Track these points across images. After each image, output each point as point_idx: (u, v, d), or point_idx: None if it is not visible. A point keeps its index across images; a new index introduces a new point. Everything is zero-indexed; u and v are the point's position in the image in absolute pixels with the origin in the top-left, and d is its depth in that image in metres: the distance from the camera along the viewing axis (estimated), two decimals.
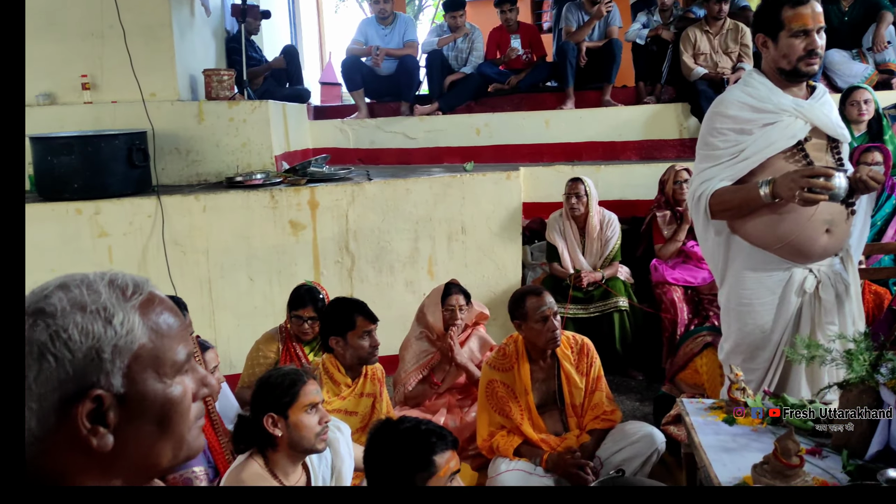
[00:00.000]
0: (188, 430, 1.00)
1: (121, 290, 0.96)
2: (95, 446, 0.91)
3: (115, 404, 0.92)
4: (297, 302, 3.67)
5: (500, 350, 3.28)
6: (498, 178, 4.98)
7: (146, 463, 0.97)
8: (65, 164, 4.34)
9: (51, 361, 0.89)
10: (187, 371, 1.00)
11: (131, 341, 0.93)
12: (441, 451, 1.90)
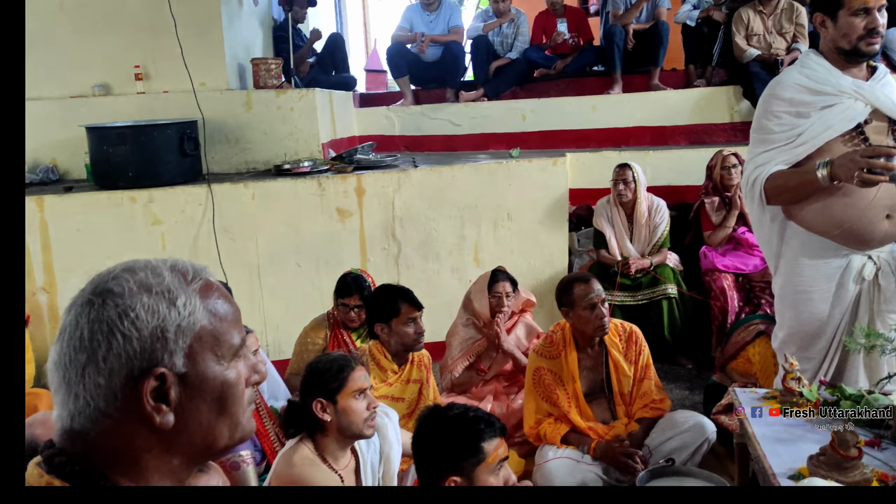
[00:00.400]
0: (243, 412, 1.03)
1: (182, 274, 1.00)
2: (158, 423, 0.94)
3: (177, 383, 0.95)
4: (343, 290, 3.70)
5: (547, 337, 3.26)
6: (544, 165, 4.94)
7: (204, 443, 1.00)
8: (119, 153, 4.44)
9: (119, 339, 0.92)
10: (241, 356, 1.03)
11: (193, 322, 0.97)
12: (489, 437, 1.90)
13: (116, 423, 0.94)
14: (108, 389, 0.93)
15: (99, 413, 0.93)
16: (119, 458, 0.96)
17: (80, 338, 0.93)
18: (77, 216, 4.42)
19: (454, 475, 1.87)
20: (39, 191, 4.62)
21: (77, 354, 0.93)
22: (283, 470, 2.38)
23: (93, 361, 0.93)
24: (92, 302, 0.94)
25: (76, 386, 0.94)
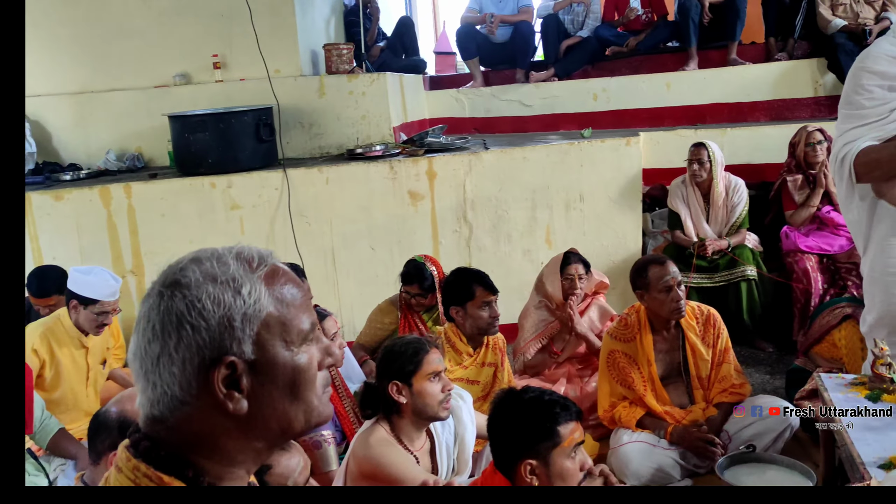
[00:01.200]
0: (316, 397, 1.03)
1: (247, 262, 1.00)
2: (231, 410, 0.96)
3: (248, 370, 0.96)
4: (405, 279, 3.78)
5: (621, 320, 3.22)
6: (617, 145, 4.85)
7: (280, 427, 1.01)
8: (200, 140, 4.59)
9: (188, 329, 0.94)
10: (312, 340, 1.03)
11: (259, 310, 0.97)
12: (565, 421, 1.90)
13: (193, 410, 0.96)
14: (182, 378, 0.95)
15: (176, 401, 0.96)
16: (201, 443, 0.98)
17: (153, 329, 0.96)
18: (161, 202, 4.59)
19: (529, 458, 1.88)
20: (127, 178, 4.82)
21: (151, 345, 0.96)
22: (360, 450, 2.43)
23: (165, 352, 0.95)
24: (162, 294, 0.96)
25: (153, 375, 0.96)
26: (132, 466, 0.96)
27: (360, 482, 2.43)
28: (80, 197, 4.56)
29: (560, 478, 1.87)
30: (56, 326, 3.51)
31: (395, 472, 2.32)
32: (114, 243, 4.59)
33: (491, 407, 2.03)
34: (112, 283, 3.50)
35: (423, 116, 6.19)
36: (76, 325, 3.51)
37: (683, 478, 2.95)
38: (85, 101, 5.31)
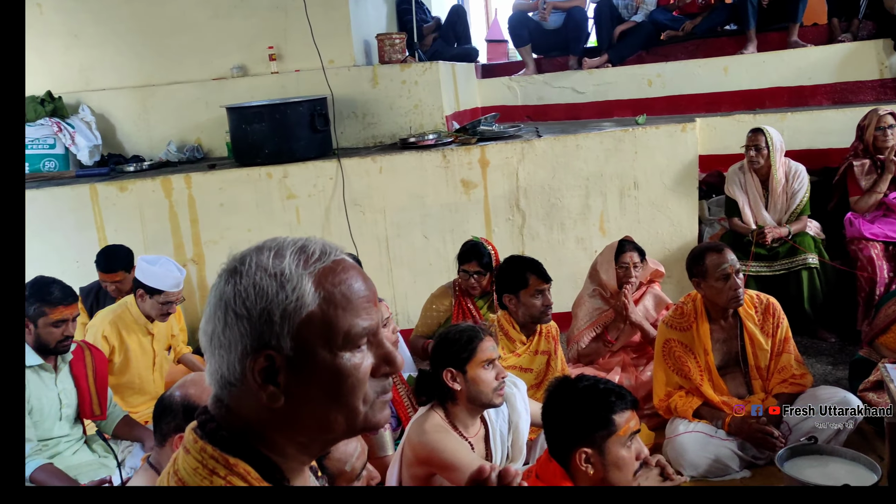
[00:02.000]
0: (364, 403, 1.00)
1: (305, 256, 0.99)
2: (265, 402, 0.97)
3: (285, 366, 0.96)
4: (463, 257, 3.77)
5: (677, 308, 3.19)
6: (672, 131, 4.77)
7: (319, 428, 1.00)
8: (256, 131, 4.68)
9: (233, 316, 0.96)
10: (368, 345, 1.01)
11: (300, 308, 0.96)
12: (620, 410, 1.89)
13: (240, 393, 0.98)
14: (229, 361, 0.97)
15: (225, 381, 0.98)
16: (251, 428, 1.00)
17: (209, 310, 0.99)
18: (220, 192, 4.71)
19: (584, 447, 1.88)
20: (187, 169, 4.95)
21: (207, 324, 0.99)
22: (415, 437, 2.46)
23: (216, 333, 0.98)
24: (220, 278, 1.00)
25: (208, 353, 1.00)
26: (199, 448, 0.99)
27: (415, 468, 2.47)
28: (143, 188, 4.70)
29: (616, 467, 1.87)
30: (124, 314, 3.65)
31: (450, 458, 2.35)
32: (175, 233, 4.73)
33: (545, 395, 2.03)
34: (177, 274, 3.63)
35: (476, 105, 6.19)
36: (143, 313, 3.66)
37: (742, 469, 2.91)
38: (147, 95, 5.46)
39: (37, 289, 3.05)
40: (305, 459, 1.04)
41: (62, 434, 3.15)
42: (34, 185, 4.86)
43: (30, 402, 3.01)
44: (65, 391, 3.15)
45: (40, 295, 3.02)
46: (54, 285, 3.08)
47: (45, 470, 2.88)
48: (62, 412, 3.14)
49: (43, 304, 3.00)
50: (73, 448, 3.19)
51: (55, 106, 5.26)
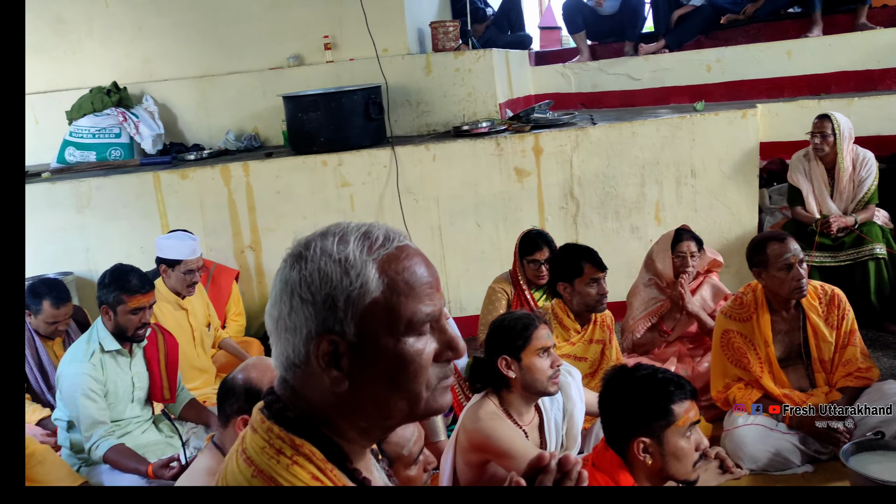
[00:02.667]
0: (426, 388, 1.01)
1: (369, 242, 1.00)
2: (329, 386, 0.99)
3: (349, 351, 0.98)
4: (531, 246, 3.70)
5: (736, 299, 3.12)
6: (732, 117, 4.66)
7: (381, 413, 1.02)
8: (312, 119, 4.74)
9: (298, 301, 0.98)
10: (430, 331, 1.01)
11: (363, 294, 0.97)
12: (680, 400, 1.87)
13: (305, 375, 1.00)
14: (294, 343, 0.99)
15: (290, 363, 1.01)
16: (315, 411, 1.02)
17: (275, 294, 1.01)
18: (276, 179, 4.78)
19: (642, 436, 1.86)
20: (245, 157, 5.05)
21: (273, 308, 1.01)
22: (469, 423, 2.47)
23: (282, 317, 1.00)
24: (286, 262, 1.02)
25: (275, 336, 1.02)
26: (266, 428, 1.02)
27: (469, 454, 2.48)
28: (203, 175, 4.81)
29: (674, 457, 1.85)
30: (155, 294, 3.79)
31: (504, 446, 2.35)
32: (234, 220, 4.83)
33: (602, 383, 2.01)
34: (191, 242, 3.80)
35: (529, 92, 6.15)
36: (171, 290, 3.82)
37: (804, 463, 2.85)
38: (206, 85, 5.57)
39: (116, 277, 3.15)
40: (366, 443, 1.06)
41: (133, 416, 3.27)
42: (101, 173, 5.02)
43: (106, 385, 3.12)
44: (138, 375, 3.26)
45: (119, 283, 3.12)
46: (132, 274, 3.18)
47: (117, 450, 3.00)
48: (134, 395, 3.25)
49: (122, 293, 3.10)
50: (143, 428, 3.31)
51: (120, 96, 5.41)
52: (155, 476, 2.88)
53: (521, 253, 3.73)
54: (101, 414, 3.05)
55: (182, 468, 2.85)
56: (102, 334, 3.14)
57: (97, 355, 3.11)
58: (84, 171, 5.18)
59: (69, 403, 3.09)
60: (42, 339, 3.63)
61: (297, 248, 1.02)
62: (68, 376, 3.08)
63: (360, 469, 1.05)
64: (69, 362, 3.13)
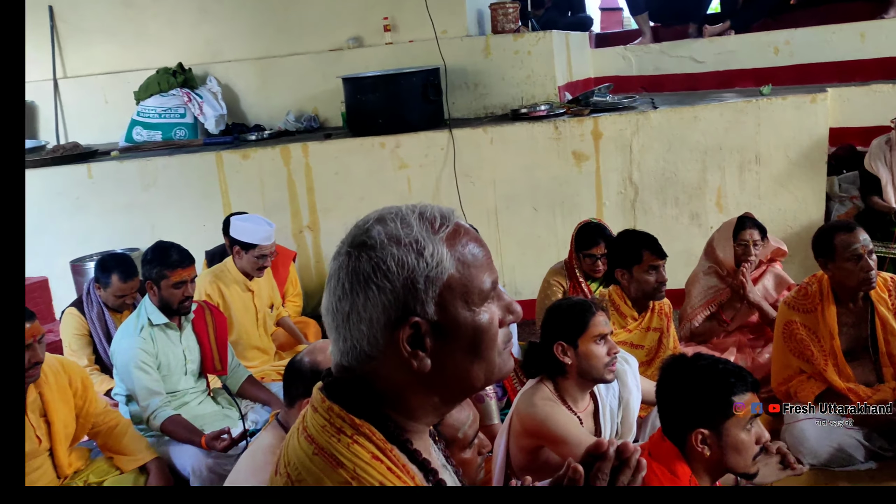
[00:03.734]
0: (498, 354, 1.04)
1: (430, 222, 1.02)
2: (416, 368, 1.00)
3: (431, 331, 0.99)
4: (588, 241, 3.64)
5: (801, 289, 3.04)
6: (800, 102, 4.51)
7: (461, 385, 1.04)
8: (371, 101, 4.77)
9: (374, 290, 0.98)
10: (493, 299, 1.04)
11: (441, 272, 0.99)
12: (740, 392, 1.83)
13: (380, 364, 1.01)
14: (370, 335, 0.99)
15: (364, 355, 1.01)
16: (385, 394, 1.03)
17: (343, 288, 1.00)
18: (335, 161, 4.84)
19: (702, 428, 1.83)
20: (304, 138, 5.12)
21: (341, 303, 1.01)
22: (524, 409, 2.47)
23: (354, 310, 1.00)
24: (350, 254, 1.01)
25: (343, 330, 1.02)
26: (326, 407, 1.03)
27: (523, 439, 2.48)
28: (263, 156, 4.90)
29: (734, 450, 1.82)
30: (224, 273, 3.89)
31: (560, 431, 2.35)
32: (293, 200, 4.91)
33: (660, 372, 1.98)
34: (267, 228, 3.84)
35: (589, 75, 6.06)
36: (241, 270, 3.88)
37: (867, 460, 2.77)
38: (267, 66, 5.66)
39: (157, 253, 3.25)
40: (433, 419, 1.08)
41: (188, 387, 3.37)
42: (166, 152, 5.16)
43: (158, 357, 3.23)
44: (189, 348, 3.36)
45: (161, 259, 3.22)
46: (172, 249, 3.28)
47: (173, 421, 3.10)
48: (187, 367, 3.36)
49: (164, 268, 3.20)
50: (199, 399, 3.41)
51: (185, 77, 5.54)
52: (207, 447, 2.97)
53: (578, 246, 3.68)
54: (155, 385, 3.16)
55: (233, 440, 2.93)
56: (150, 309, 3.25)
57: (146, 329, 3.22)
58: (150, 150, 5.33)
59: (124, 377, 3.20)
60: (111, 312, 3.77)
61: (357, 238, 1.02)
62: (121, 351, 3.20)
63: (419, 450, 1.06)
64: (121, 338, 3.24)
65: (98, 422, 3.01)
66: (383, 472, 0.98)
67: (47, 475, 2.82)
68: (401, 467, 1.01)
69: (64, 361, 3.00)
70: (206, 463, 3.02)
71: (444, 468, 1.16)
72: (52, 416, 2.79)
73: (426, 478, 1.05)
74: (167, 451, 3.17)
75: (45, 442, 2.79)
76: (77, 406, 2.91)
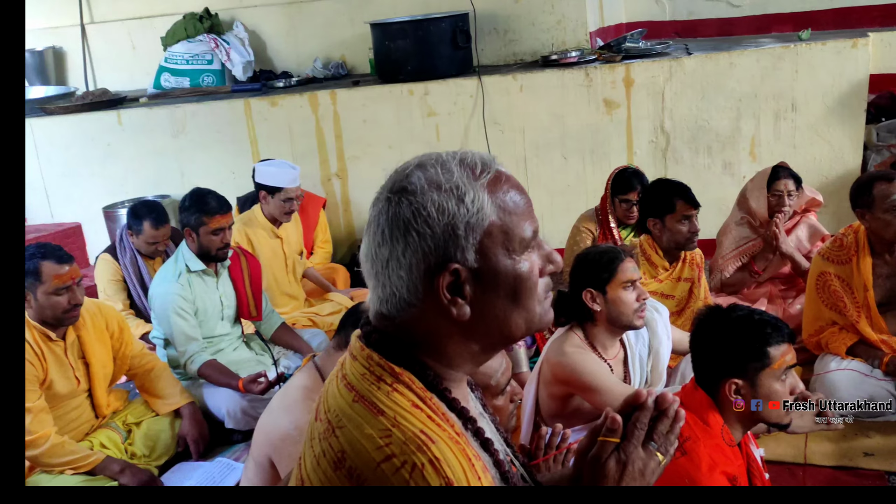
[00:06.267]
0: (538, 303, 1.04)
1: (471, 168, 1.01)
2: (455, 315, 1.00)
3: (471, 278, 0.99)
4: (625, 185, 3.62)
5: (836, 240, 3.00)
6: (841, 47, 4.37)
7: (501, 333, 1.04)
8: (399, 47, 4.70)
9: (414, 236, 0.98)
10: (534, 247, 1.03)
11: (482, 219, 0.98)
12: (776, 342, 1.82)
13: (419, 312, 1.01)
14: (409, 282, 0.99)
15: (404, 302, 1.01)
16: (425, 342, 1.03)
17: (382, 234, 1.00)
18: (363, 108, 4.81)
19: (735, 378, 1.83)
20: (332, 85, 5.08)
21: (380, 249, 1.00)
22: (553, 356, 2.49)
23: (394, 256, 0.99)
24: (390, 199, 1.00)
25: (382, 276, 1.01)
26: (366, 355, 1.04)
27: (553, 387, 2.51)
28: (291, 103, 4.88)
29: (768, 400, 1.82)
30: (251, 220, 3.95)
31: (590, 380, 2.37)
32: (321, 148, 4.90)
33: (695, 322, 1.98)
34: (291, 171, 3.86)
35: (621, 21, 5.91)
36: (268, 217, 3.92)
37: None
38: (294, 11, 5.58)
39: (195, 200, 3.28)
40: (471, 368, 1.08)
41: (224, 333, 3.44)
42: (194, 99, 5.16)
43: (195, 303, 3.29)
44: (225, 294, 3.42)
45: (199, 206, 3.25)
46: (210, 196, 3.30)
47: (210, 365, 3.18)
48: (223, 313, 3.42)
49: (202, 214, 3.23)
50: (234, 345, 3.49)
51: (212, 23, 5.50)
52: (245, 390, 3.05)
53: (614, 191, 3.65)
54: (192, 330, 3.22)
55: (269, 384, 3.00)
56: (188, 255, 3.29)
57: (184, 276, 3.27)
58: (178, 97, 5.32)
59: (162, 322, 3.27)
60: (144, 259, 3.83)
61: (398, 184, 1.01)
62: (159, 296, 3.26)
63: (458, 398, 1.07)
64: (159, 283, 3.30)
65: (134, 364, 3.09)
66: (423, 420, 0.99)
67: (86, 414, 2.92)
68: (440, 415, 1.02)
69: (101, 305, 3.08)
70: (241, 405, 3.10)
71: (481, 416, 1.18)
72: (90, 358, 2.87)
73: (464, 426, 1.06)
74: (201, 395, 3.25)
75: (83, 383, 2.88)
76: (114, 348, 2.99)
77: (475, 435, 1.08)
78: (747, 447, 1.95)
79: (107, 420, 3.01)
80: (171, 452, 3.05)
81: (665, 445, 1.09)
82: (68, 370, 2.81)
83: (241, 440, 3.12)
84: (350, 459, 0.97)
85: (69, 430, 2.81)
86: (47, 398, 2.71)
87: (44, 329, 2.72)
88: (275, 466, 2.05)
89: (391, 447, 0.95)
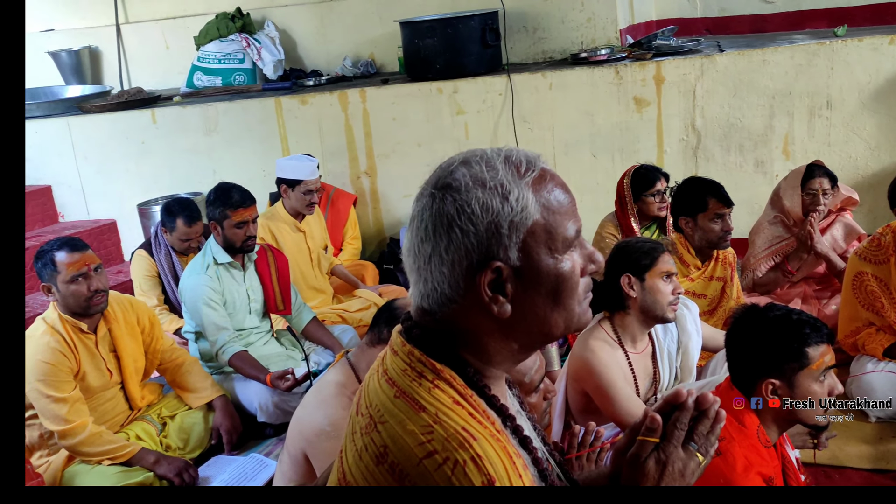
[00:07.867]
0: (578, 303, 1.04)
1: (515, 166, 1.01)
2: (496, 313, 1.00)
3: (513, 276, 0.99)
4: (647, 181, 3.57)
5: (873, 240, 2.95)
6: (878, 43, 4.30)
7: (541, 331, 1.04)
8: (428, 46, 4.71)
9: (458, 233, 0.98)
10: (576, 247, 1.03)
11: (525, 217, 0.99)
12: (815, 343, 1.80)
13: (460, 308, 1.01)
14: (451, 278, 1.00)
15: (445, 298, 1.01)
16: (465, 339, 1.04)
17: (425, 229, 1.00)
18: (392, 106, 4.82)
19: (772, 378, 1.82)
20: (361, 83, 5.11)
21: (423, 245, 1.01)
22: (579, 352, 2.49)
23: (437, 252, 1.00)
24: (434, 195, 1.01)
25: (424, 272, 1.02)
26: (407, 351, 1.05)
27: (575, 383, 2.51)
28: (321, 101, 4.91)
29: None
30: (274, 215, 4.00)
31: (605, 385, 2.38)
32: (350, 146, 4.93)
33: (731, 321, 1.96)
34: (310, 163, 3.92)
35: (651, 18, 5.86)
36: (290, 211, 3.97)
37: None
38: (325, 10, 5.62)
39: (220, 194, 3.34)
40: (510, 366, 1.09)
41: (252, 326, 3.48)
42: (226, 98, 5.22)
43: (224, 295, 3.34)
44: (252, 287, 3.46)
45: (223, 199, 3.31)
46: (234, 190, 3.36)
47: (240, 357, 3.22)
48: (251, 306, 3.46)
49: (226, 208, 3.29)
50: (263, 339, 3.53)
51: (244, 22, 5.56)
52: (272, 385, 3.08)
53: (639, 189, 3.57)
54: (222, 320, 3.27)
55: (296, 381, 3.02)
56: (215, 249, 3.35)
57: (212, 268, 3.33)
58: (211, 95, 5.39)
59: (193, 313, 3.33)
60: (177, 255, 3.89)
61: (442, 180, 1.02)
62: (189, 288, 3.32)
63: (497, 395, 1.08)
64: (188, 275, 3.36)
65: (165, 358, 3.15)
66: (465, 417, 0.99)
67: (120, 406, 2.99)
68: (481, 412, 1.02)
69: (132, 300, 3.14)
70: (273, 399, 3.14)
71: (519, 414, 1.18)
72: (120, 352, 2.93)
73: (504, 423, 1.07)
74: (233, 389, 3.30)
75: (115, 375, 2.94)
76: (145, 342, 3.05)
77: (514, 432, 1.08)
78: (783, 448, 1.93)
79: (142, 413, 3.07)
80: (204, 445, 3.09)
81: (705, 446, 1.09)
82: (100, 362, 2.87)
83: (273, 434, 3.16)
84: (392, 455, 0.98)
85: (104, 420, 2.88)
86: (81, 390, 2.77)
87: (75, 321, 2.78)
88: (309, 461, 2.07)
89: (433, 443, 0.96)
